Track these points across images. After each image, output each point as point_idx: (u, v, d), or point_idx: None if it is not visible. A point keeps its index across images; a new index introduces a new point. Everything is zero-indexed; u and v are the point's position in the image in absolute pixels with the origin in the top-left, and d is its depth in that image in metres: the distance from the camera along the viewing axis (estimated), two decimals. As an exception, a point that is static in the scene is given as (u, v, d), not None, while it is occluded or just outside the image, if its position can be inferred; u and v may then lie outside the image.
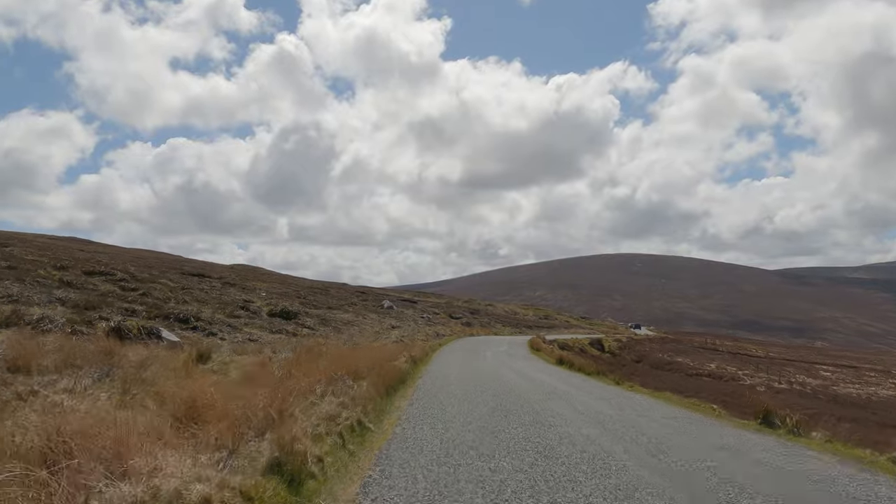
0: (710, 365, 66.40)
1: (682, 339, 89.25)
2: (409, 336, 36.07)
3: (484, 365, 22.42)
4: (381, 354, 18.89)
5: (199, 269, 59.09)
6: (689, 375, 51.23)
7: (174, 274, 52.22)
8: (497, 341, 41.38)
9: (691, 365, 64.25)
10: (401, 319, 48.75)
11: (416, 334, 38.26)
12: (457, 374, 17.78)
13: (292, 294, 54.81)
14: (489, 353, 29.28)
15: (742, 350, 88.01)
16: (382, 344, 28.35)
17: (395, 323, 43.99)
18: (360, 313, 44.33)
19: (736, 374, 60.31)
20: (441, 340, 37.55)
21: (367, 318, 42.41)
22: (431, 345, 32.06)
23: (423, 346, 28.37)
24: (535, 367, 22.73)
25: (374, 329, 38.38)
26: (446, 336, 43.30)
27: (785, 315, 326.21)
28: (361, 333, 35.32)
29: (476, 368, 20.44)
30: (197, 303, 31.95)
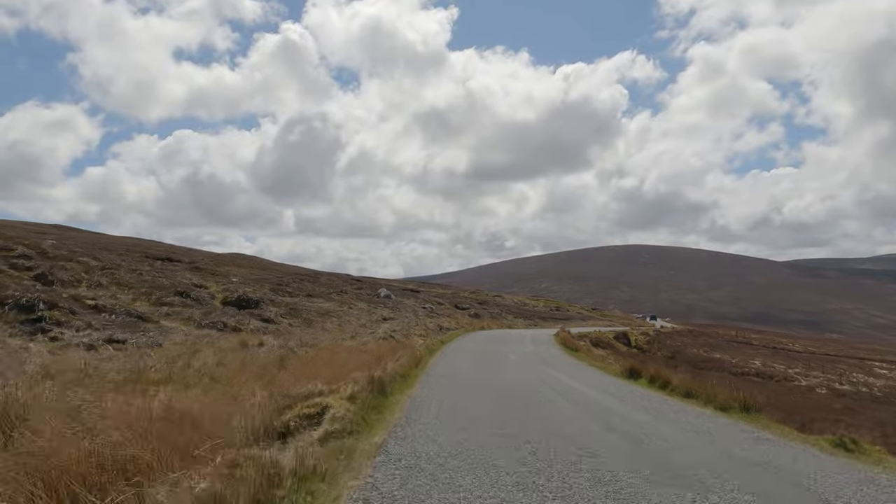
0: (754, 362, 57.56)
1: (708, 332, 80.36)
2: (402, 330, 27.44)
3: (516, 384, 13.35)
4: (328, 370, 10.28)
5: (169, 254, 50.71)
6: (735, 375, 42.87)
7: (135, 258, 43.93)
8: (516, 337, 32.67)
9: (734, 363, 55.53)
10: (397, 310, 40.11)
11: (413, 328, 29.61)
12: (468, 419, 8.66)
13: (272, 280, 46.43)
14: (513, 356, 20.72)
15: (776, 344, 79.04)
16: (359, 344, 19.71)
17: (389, 314, 35.35)
18: (346, 302, 35.72)
19: (786, 372, 51.62)
20: (444, 336, 28.89)
21: (354, 309, 33.81)
22: (431, 343, 23.40)
23: (418, 347, 19.76)
24: (598, 383, 14.00)
25: (359, 322, 29.76)
26: (452, 330, 34.65)
27: (795, 307, 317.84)
28: (340, 327, 26.70)
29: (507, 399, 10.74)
30: (116, 286, 23.41)
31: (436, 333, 30.02)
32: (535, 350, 23.96)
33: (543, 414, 9.14)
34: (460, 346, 25.38)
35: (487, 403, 9.96)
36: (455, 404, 9.65)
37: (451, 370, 15.49)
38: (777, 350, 71.25)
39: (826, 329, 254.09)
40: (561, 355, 22.21)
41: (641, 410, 9.96)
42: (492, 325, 44.53)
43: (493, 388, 12.13)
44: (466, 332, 35.62)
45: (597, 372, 16.71)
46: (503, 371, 15.78)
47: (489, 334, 34.95)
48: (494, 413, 9.07)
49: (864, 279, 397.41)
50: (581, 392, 11.86)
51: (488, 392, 11.35)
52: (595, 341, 32.91)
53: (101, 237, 63.40)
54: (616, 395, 11.75)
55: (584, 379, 14.37)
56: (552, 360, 20.17)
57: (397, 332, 26.68)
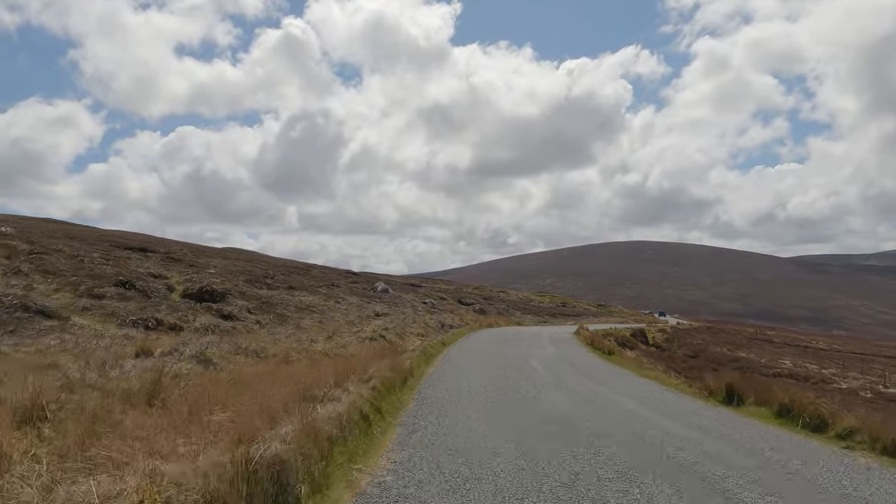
0: (784, 362, 52.53)
1: (726, 329, 75.33)
2: (397, 328, 22.66)
3: (562, 415, 8.61)
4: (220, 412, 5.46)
5: (144, 244, 45.99)
6: (766, 377, 38.07)
7: (105, 247, 39.24)
8: (531, 336, 27.84)
9: (762, 363, 50.56)
10: (394, 305, 35.31)
11: (410, 326, 24.83)
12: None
13: (257, 273, 41.73)
14: (535, 363, 15.96)
15: (798, 342, 73.99)
16: (335, 347, 14.97)
17: (384, 309, 30.54)
18: (335, 296, 30.91)
19: (821, 373, 46.66)
20: (447, 335, 24.06)
21: (343, 303, 29.02)
22: (430, 345, 18.56)
23: (412, 351, 14.99)
24: (685, 413, 9.01)
25: (346, 318, 24.97)
26: (455, 328, 29.86)
27: (800, 303, 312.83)
28: (321, 324, 21.92)
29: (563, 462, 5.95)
30: (41, 273, 18.66)
31: (437, 332, 25.23)
32: (559, 353, 19.15)
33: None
34: (466, 348, 20.58)
35: (527, 482, 5.10)
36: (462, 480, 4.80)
37: (455, 390, 10.69)
38: (802, 348, 66.28)
39: (832, 325, 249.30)
40: (595, 360, 17.42)
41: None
42: (500, 322, 39.72)
43: (524, 430, 7.26)
44: (472, 329, 30.81)
45: (662, 388, 11.90)
46: (531, 390, 10.97)
47: (498, 333, 30.13)
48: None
49: (869, 275, 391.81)
50: (683, 440, 6.94)
51: (519, 442, 6.51)
52: (620, 340, 28.06)
53: (75, 228, 58.70)
54: (761, 454, 6.75)
55: (658, 405, 9.53)
56: (588, 367, 15.40)
57: (390, 330, 21.88)
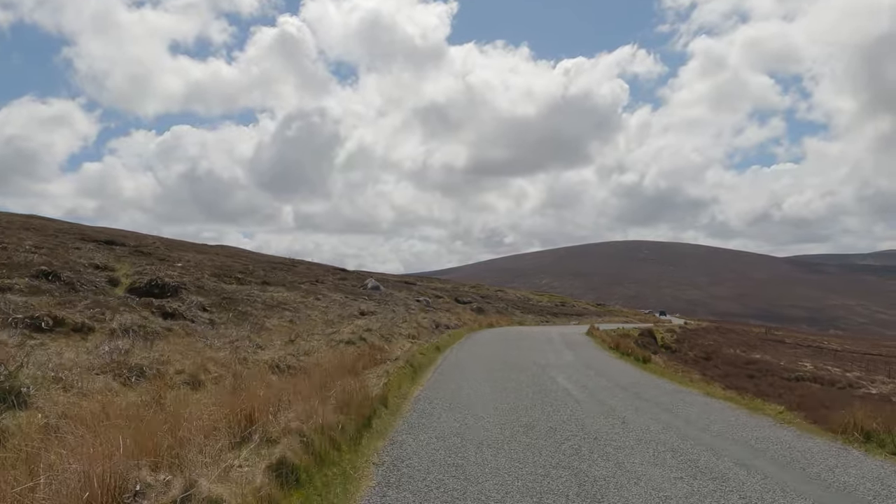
0: (804, 364, 48.80)
1: (735, 329, 71.69)
2: (384, 329, 18.84)
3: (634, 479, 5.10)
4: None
5: (112, 237, 42.08)
6: (789, 381, 34.45)
7: (58, 239, 35.34)
8: (539, 338, 24.03)
9: (781, 365, 46.81)
10: (384, 303, 31.48)
11: (400, 326, 20.99)
12: None
13: (236, 267, 37.91)
14: (562, 378, 12.12)
15: (810, 342, 70.46)
16: (293, 354, 11.12)
17: (371, 308, 26.70)
18: (315, 293, 27.05)
19: (844, 376, 43.02)
20: (442, 338, 20.24)
21: (324, 300, 25.17)
22: (421, 350, 14.73)
23: (399, 359, 11.17)
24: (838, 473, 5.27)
25: (324, 317, 21.12)
26: (452, 328, 26.05)
27: (796, 303, 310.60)
28: (291, 324, 18.10)
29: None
30: (-68, 263, 14.76)
31: (430, 333, 21.39)
32: (581, 360, 15.37)
33: None
34: (465, 354, 16.77)
35: None
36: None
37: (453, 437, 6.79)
38: (816, 349, 62.78)
39: (828, 325, 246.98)
40: (632, 371, 13.72)
41: None
42: (500, 322, 35.92)
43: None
44: (471, 330, 27.00)
45: (760, 420, 8.08)
46: (580, 437, 7.05)
47: (501, 334, 26.31)
48: None
49: (866, 275, 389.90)
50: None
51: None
52: (644, 342, 24.29)
53: (37, 220, 54.66)
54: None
55: (810, 468, 5.66)
56: (630, 382, 11.74)
57: (374, 331, 18.04)
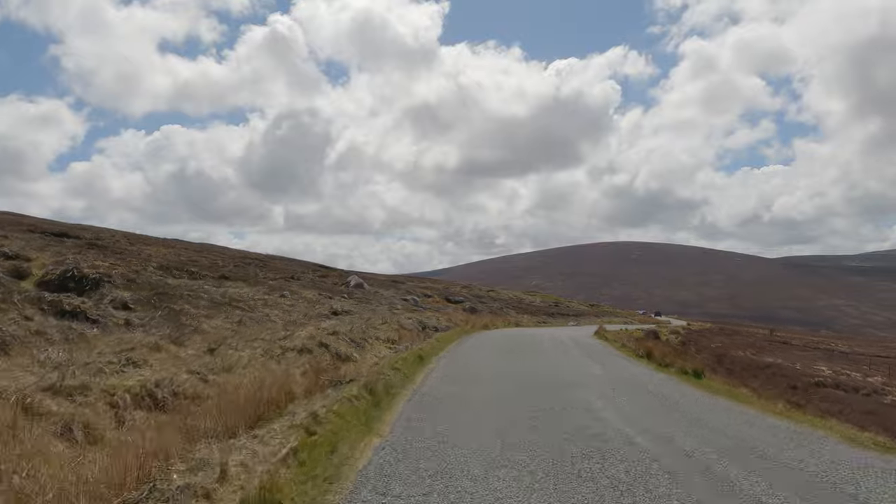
0: (821, 368, 45.38)
1: (740, 330, 68.38)
2: (357, 332, 15.01)
3: None
4: None
5: (66, 230, 38.02)
6: (810, 386, 31.05)
7: (10, 231, 31.33)
8: (545, 343, 20.26)
9: (797, 369, 43.45)
10: (365, 302, 27.63)
11: (378, 328, 17.17)
12: None
13: (203, 263, 34.04)
14: (607, 410, 8.22)
15: (819, 344, 67.22)
16: (206, 371, 7.17)
17: (348, 307, 22.85)
18: (282, 290, 23.14)
19: (866, 381, 39.61)
20: (428, 343, 16.38)
21: (290, 298, 21.31)
22: (398, 361, 10.89)
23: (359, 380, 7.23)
24: None
25: (287, 317, 17.30)
26: (442, 330, 22.27)
27: (787, 304, 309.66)
28: (239, 326, 14.26)
29: None
30: None
31: (415, 337, 17.56)
32: (615, 375, 11.58)
33: None
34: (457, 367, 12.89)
35: None
36: None
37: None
38: (827, 352, 59.52)
39: (819, 326, 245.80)
40: (697, 394, 9.94)
41: None
42: (496, 323, 32.13)
43: None
44: (463, 332, 23.22)
45: None
46: None
47: (499, 337, 22.52)
48: None
49: (855, 276, 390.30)
50: None
51: None
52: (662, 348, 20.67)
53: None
54: None
55: None
56: (725, 422, 7.83)
57: (342, 335, 14.23)
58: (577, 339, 21.40)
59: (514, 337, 22.37)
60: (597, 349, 17.80)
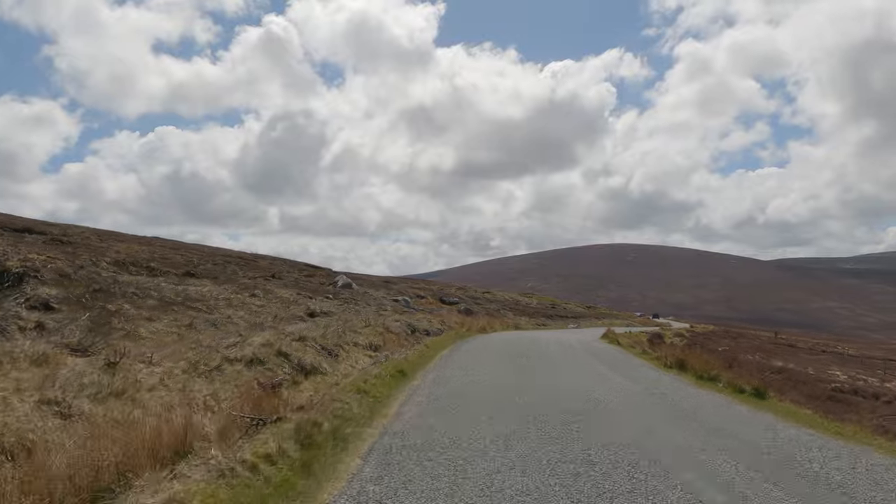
0: (834, 373, 43.12)
1: (745, 333, 66.13)
2: (330, 338, 12.42)
3: None
4: None
5: (31, 226, 35.32)
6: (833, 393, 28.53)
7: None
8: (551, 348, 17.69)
9: (811, 374, 41.16)
10: (351, 303, 25.08)
11: (359, 332, 14.62)
12: None
13: (176, 261, 31.59)
14: (662, 451, 5.41)
15: (826, 347, 65.05)
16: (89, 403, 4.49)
17: (329, 307, 20.29)
18: (253, 288, 20.55)
19: (884, 387, 37.27)
20: (415, 352, 13.83)
21: (262, 298, 18.71)
22: (370, 380, 8.29)
23: (284, 423, 4.56)
24: None
25: (253, 319, 14.73)
26: (434, 334, 19.74)
27: (782, 306, 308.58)
28: (187, 330, 11.65)
29: None
30: None
31: (402, 342, 15.02)
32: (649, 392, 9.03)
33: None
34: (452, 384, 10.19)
35: None
36: None
37: None
38: (837, 355, 57.35)
39: (816, 328, 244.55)
40: (770, 421, 7.29)
41: None
42: (493, 325, 29.60)
43: None
44: (458, 336, 20.69)
45: None
46: None
47: (501, 342, 19.98)
48: None
49: (849, 278, 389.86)
50: None
51: None
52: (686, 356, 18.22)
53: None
54: None
55: None
56: (841, 478, 5.15)
57: (312, 341, 11.71)
58: (587, 345, 18.91)
59: (515, 342, 19.81)
60: (614, 357, 15.33)
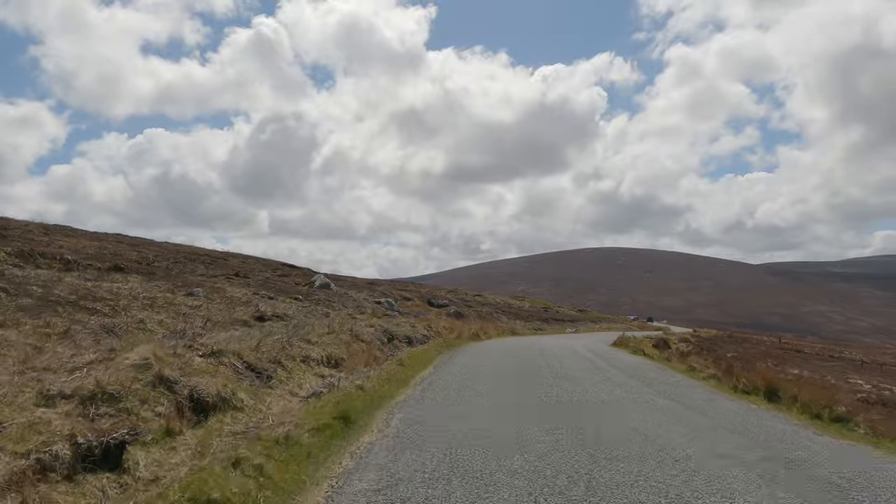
0: (857, 382, 39.86)
1: (748, 338, 62.70)
2: (269, 349, 8.43)
3: None
4: None
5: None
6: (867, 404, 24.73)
7: None
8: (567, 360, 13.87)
9: (833, 383, 37.76)
10: (323, 304, 21.20)
11: (313, 344, 10.65)
12: None
13: (127, 255, 27.64)
14: None
15: (832, 352, 61.96)
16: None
17: (288, 310, 16.45)
18: (191, 286, 16.62)
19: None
20: (384, 371, 9.98)
21: (199, 299, 14.81)
22: (272, 444, 4.46)
23: None
24: None
25: (173, 325, 10.73)
26: (418, 343, 15.96)
27: (772, 309, 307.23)
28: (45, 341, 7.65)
29: None
30: None
31: (373, 355, 11.15)
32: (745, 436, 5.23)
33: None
34: (436, 457, 5.61)
35: None
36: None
37: None
38: (848, 361, 54.14)
39: (808, 332, 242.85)
40: None
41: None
42: (488, 331, 25.72)
43: None
44: (446, 345, 16.91)
45: None
46: None
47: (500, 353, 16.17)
48: None
49: (838, 282, 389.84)
50: None
51: None
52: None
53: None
54: None
55: None
56: None
57: (237, 355, 7.74)
58: (606, 356, 15.29)
59: (519, 353, 15.97)
60: (654, 376, 11.72)
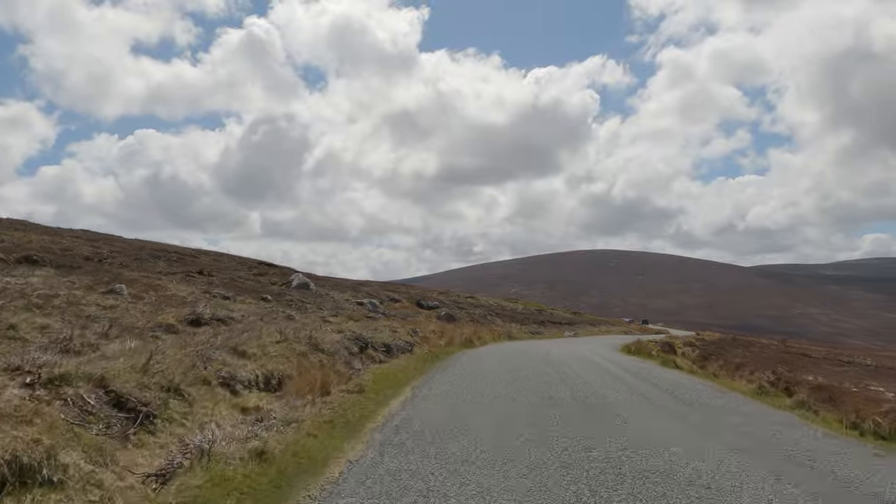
0: (878, 389, 37.36)
1: (754, 342, 60.28)
2: (151, 372, 5.33)
3: None
4: None
5: None
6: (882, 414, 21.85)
7: None
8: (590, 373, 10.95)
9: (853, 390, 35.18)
10: (292, 306, 18.20)
11: (248, 359, 7.62)
12: None
13: (80, 251, 24.65)
14: None
15: (842, 356, 59.74)
16: None
17: (237, 311, 13.45)
18: (116, 282, 13.59)
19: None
20: (340, 397, 7.05)
21: (123, 297, 11.77)
22: None
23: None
24: None
25: (67, 332, 7.67)
26: (400, 350, 13.07)
27: (763, 312, 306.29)
28: None
29: None
30: None
31: (335, 372, 8.15)
32: None
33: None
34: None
35: None
36: None
37: None
38: (862, 366, 51.86)
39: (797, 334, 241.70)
40: None
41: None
42: (482, 335, 22.73)
43: None
44: (430, 356, 14.02)
45: None
46: None
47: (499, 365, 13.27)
48: None
49: (829, 285, 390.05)
50: None
51: None
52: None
53: None
54: None
55: None
56: None
57: (83, 377, 4.91)
58: (625, 366, 12.57)
59: (521, 365, 12.99)
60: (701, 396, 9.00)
